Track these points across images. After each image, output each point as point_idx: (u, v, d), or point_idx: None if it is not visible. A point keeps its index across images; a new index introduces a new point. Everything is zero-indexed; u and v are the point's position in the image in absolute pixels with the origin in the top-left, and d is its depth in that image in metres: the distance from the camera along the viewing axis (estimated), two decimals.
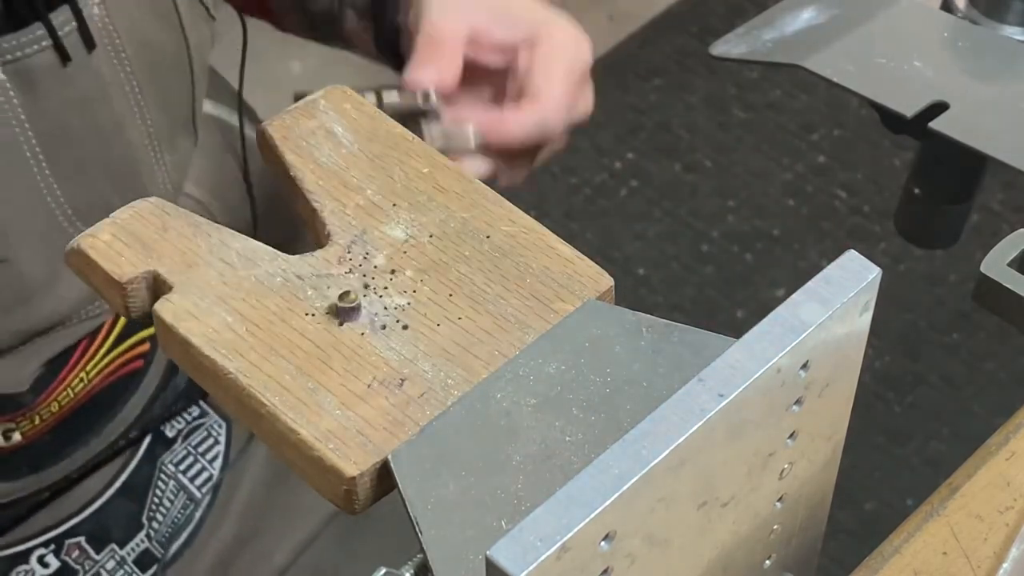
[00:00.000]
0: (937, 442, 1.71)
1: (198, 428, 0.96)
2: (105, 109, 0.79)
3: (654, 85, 2.12)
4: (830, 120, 2.06)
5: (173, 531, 0.92)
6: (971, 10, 0.78)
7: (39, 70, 0.75)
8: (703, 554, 0.45)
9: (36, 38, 0.75)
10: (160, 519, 0.92)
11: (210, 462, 0.95)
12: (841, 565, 0.70)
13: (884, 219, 1.93)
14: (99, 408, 0.88)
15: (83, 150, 0.78)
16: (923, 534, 0.58)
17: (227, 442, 0.96)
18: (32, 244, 0.78)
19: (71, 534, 0.91)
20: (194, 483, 0.94)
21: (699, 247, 1.92)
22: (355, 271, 0.52)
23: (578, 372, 0.49)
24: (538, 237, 0.53)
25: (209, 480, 0.94)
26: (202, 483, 0.94)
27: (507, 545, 0.37)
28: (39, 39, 0.75)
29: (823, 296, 0.43)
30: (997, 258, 0.62)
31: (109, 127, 0.79)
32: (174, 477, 0.93)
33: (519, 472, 0.46)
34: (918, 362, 1.79)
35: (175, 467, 0.94)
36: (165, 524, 0.92)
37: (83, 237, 0.52)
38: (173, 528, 0.92)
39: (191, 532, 0.93)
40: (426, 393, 0.48)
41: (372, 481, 0.47)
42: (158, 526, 0.92)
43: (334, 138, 0.56)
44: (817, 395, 0.45)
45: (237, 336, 0.49)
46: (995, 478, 0.60)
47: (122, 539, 0.91)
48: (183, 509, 0.93)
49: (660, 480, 0.40)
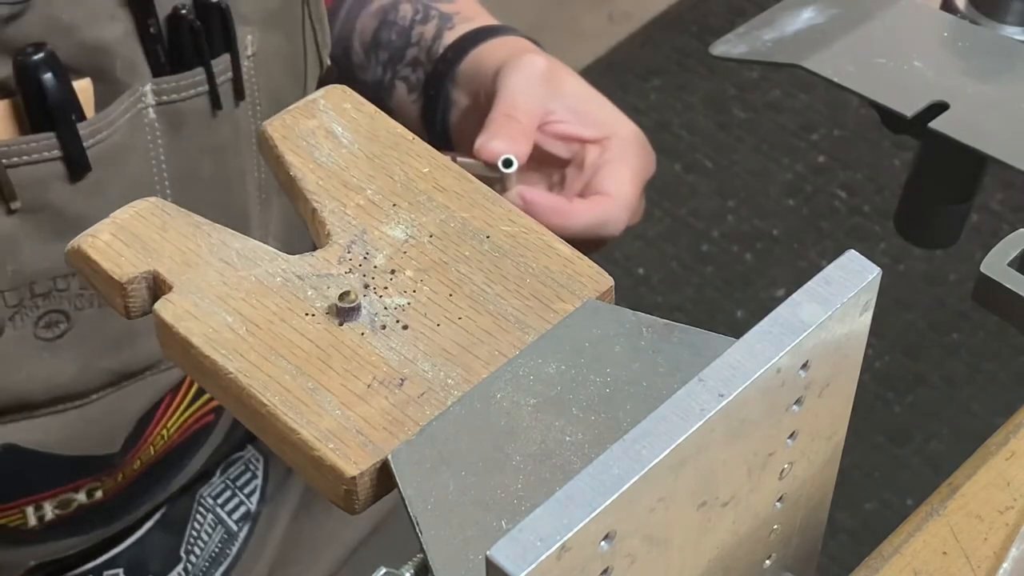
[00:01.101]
0: (937, 442, 1.71)
1: (236, 462, 0.96)
2: (236, 159, 0.80)
3: (654, 85, 2.12)
4: (830, 120, 2.06)
5: (210, 564, 0.93)
6: (971, 10, 0.78)
7: (190, 114, 0.76)
8: (703, 554, 0.45)
9: (195, 83, 0.76)
10: (198, 552, 0.92)
11: (248, 496, 0.95)
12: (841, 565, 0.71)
13: (884, 219, 1.93)
14: (172, 462, 0.88)
15: (207, 196, 0.79)
16: (923, 534, 0.58)
17: (264, 476, 0.96)
18: None
19: (110, 565, 0.91)
20: (232, 517, 0.94)
21: (699, 247, 1.92)
22: (355, 271, 0.52)
23: (578, 372, 0.49)
24: (538, 237, 0.53)
25: (247, 514, 0.94)
26: (240, 517, 0.94)
27: (507, 545, 0.37)
28: (197, 84, 0.76)
29: (823, 296, 0.43)
30: (997, 258, 0.62)
31: (235, 176, 0.80)
32: (212, 511, 0.94)
33: (519, 472, 0.46)
34: (918, 362, 1.79)
35: (213, 500, 0.94)
36: (203, 558, 0.92)
37: (83, 237, 0.52)
38: (210, 561, 0.93)
39: (228, 566, 0.93)
40: (426, 393, 0.48)
41: (372, 481, 0.47)
42: (195, 559, 0.92)
43: (334, 138, 0.56)
44: (817, 395, 0.45)
45: (237, 336, 0.49)
46: (995, 478, 0.60)
47: (160, 571, 0.92)
48: (220, 543, 0.93)
49: (660, 480, 0.40)
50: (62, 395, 0.79)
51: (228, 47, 0.76)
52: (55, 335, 0.76)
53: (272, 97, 0.81)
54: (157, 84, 0.74)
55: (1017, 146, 0.70)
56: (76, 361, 0.78)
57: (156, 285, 0.51)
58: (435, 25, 0.91)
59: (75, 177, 0.72)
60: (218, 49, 0.76)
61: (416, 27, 0.91)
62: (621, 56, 2.17)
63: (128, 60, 0.73)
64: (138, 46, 0.74)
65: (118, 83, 0.73)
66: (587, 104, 0.88)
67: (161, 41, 0.74)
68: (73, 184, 0.73)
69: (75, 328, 0.76)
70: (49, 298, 0.75)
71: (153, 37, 0.74)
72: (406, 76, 0.92)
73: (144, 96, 0.74)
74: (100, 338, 0.78)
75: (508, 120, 0.83)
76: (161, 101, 0.75)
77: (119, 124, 0.73)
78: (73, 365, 0.78)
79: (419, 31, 0.91)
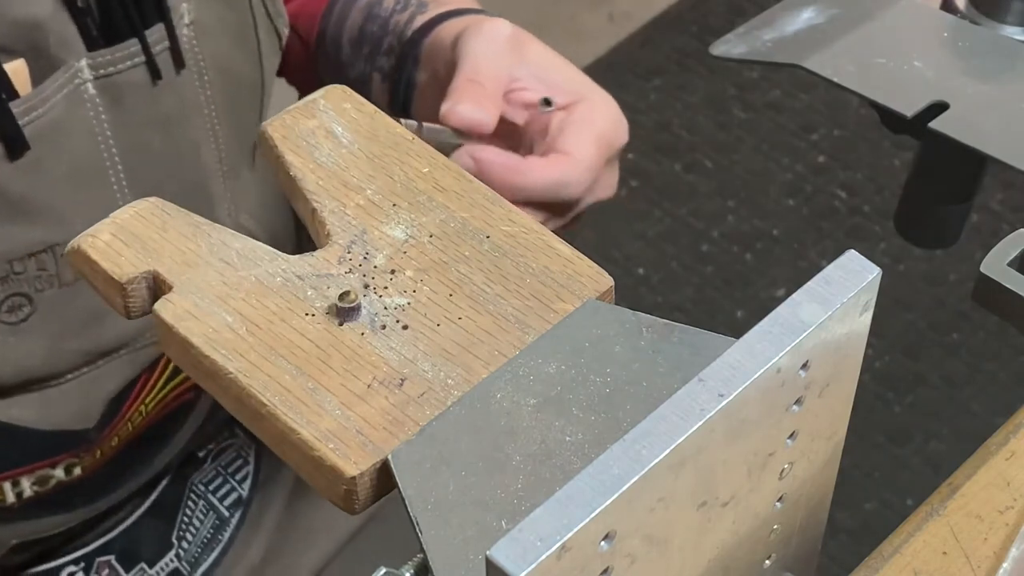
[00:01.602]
0: (937, 442, 1.71)
1: (227, 448, 0.96)
2: (185, 130, 0.79)
3: (654, 85, 2.12)
4: (830, 120, 2.06)
5: (202, 550, 0.93)
6: (971, 10, 0.78)
7: (129, 86, 0.76)
8: (703, 554, 0.45)
9: (130, 54, 0.75)
10: (190, 538, 0.92)
11: (239, 482, 0.95)
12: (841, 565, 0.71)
13: (884, 219, 1.93)
14: (152, 439, 0.88)
15: (161, 170, 0.78)
16: (923, 534, 0.58)
17: (256, 463, 0.96)
18: None
19: (101, 552, 0.91)
20: (223, 503, 0.94)
21: (699, 247, 1.92)
22: (355, 271, 0.52)
23: (578, 372, 0.49)
24: (538, 237, 0.53)
25: (239, 500, 0.94)
26: (231, 503, 0.94)
27: (507, 545, 0.37)
28: (133, 55, 0.75)
29: (823, 296, 0.43)
30: (997, 258, 0.62)
31: (187, 149, 0.80)
32: (203, 497, 0.93)
33: (519, 472, 0.46)
34: (918, 362, 1.79)
35: (205, 487, 0.94)
36: (195, 544, 0.92)
37: (83, 237, 0.52)
38: (202, 547, 0.93)
39: (220, 551, 0.93)
40: (426, 393, 0.48)
41: (372, 481, 0.47)
42: (187, 545, 0.92)
43: (334, 138, 0.56)
44: (817, 395, 0.45)
45: (237, 336, 0.49)
46: (995, 478, 0.60)
47: (152, 558, 0.91)
48: (212, 529, 0.93)
49: (660, 480, 0.40)
50: (34, 377, 0.79)
51: (162, 16, 0.76)
52: (19, 319, 0.76)
53: (220, 66, 0.80)
54: (92, 58, 0.74)
55: (1017, 146, 0.70)
56: (43, 343, 0.77)
57: (156, 285, 0.51)
58: (410, 12, 0.89)
59: (13, 155, 0.72)
60: (152, 19, 0.76)
61: (395, 16, 0.89)
62: (621, 56, 2.17)
63: (60, 36, 0.73)
64: (69, 21, 0.73)
65: (53, 59, 0.73)
66: (554, 72, 0.82)
67: (92, 14, 0.74)
68: (12, 163, 0.72)
69: (38, 310, 0.76)
70: (8, 282, 0.75)
71: (83, 11, 0.73)
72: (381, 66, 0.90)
73: (80, 71, 0.74)
74: (65, 319, 0.77)
75: (472, 84, 0.78)
76: (99, 75, 0.74)
77: (55, 100, 0.73)
78: (41, 347, 0.77)
79: (396, 19, 0.89)
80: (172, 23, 0.76)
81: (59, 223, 0.75)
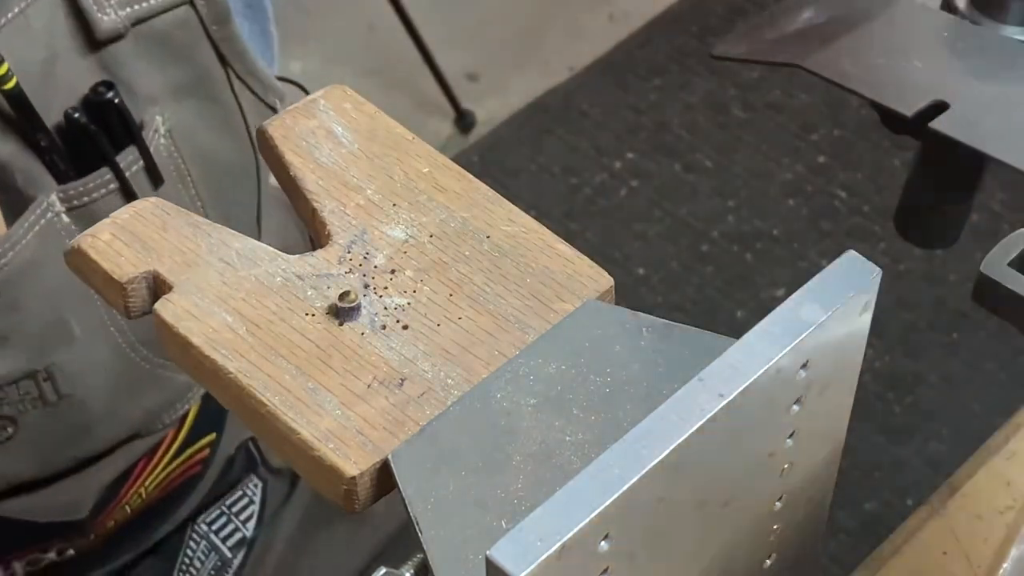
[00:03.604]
0: (937, 442, 1.71)
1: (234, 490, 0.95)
2: None
3: (654, 85, 2.12)
4: (830, 120, 2.06)
5: None
6: (971, 10, 0.78)
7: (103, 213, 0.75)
8: (703, 554, 0.45)
9: (103, 182, 0.75)
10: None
11: (244, 522, 0.94)
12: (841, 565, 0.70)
13: (884, 219, 1.92)
14: (154, 516, 0.88)
15: None
16: (923, 534, 0.58)
17: (262, 502, 0.96)
18: (97, 375, 0.78)
19: None
20: (226, 544, 0.93)
21: (699, 247, 1.92)
22: (355, 271, 0.52)
23: (578, 372, 0.49)
24: (538, 237, 0.53)
25: (242, 541, 0.94)
26: (234, 544, 0.93)
27: (507, 545, 0.37)
28: (106, 183, 0.75)
29: (823, 296, 0.43)
30: (997, 258, 0.62)
31: None
32: (206, 537, 0.93)
33: (519, 472, 0.46)
34: (918, 362, 1.79)
35: (207, 527, 0.93)
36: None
37: (83, 237, 0.52)
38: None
39: None
40: (426, 393, 0.48)
41: (372, 481, 0.47)
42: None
43: (334, 138, 0.56)
44: (817, 395, 0.45)
45: (237, 336, 0.49)
46: (995, 478, 0.60)
47: None
48: (214, 570, 0.92)
49: (660, 480, 0.40)
50: (25, 484, 0.79)
51: (133, 139, 0.75)
52: (3, 438, 0.76)
53: (205, 160, 0.80)
54: (63, 191, 0.73)
55: (1017, 146, 0.69)
56: (33, 458, 0.78)
57: (156, 285, 0.51)
58: None
59: None
60: (122, 142, 0.75)
61: None
62: (621, 56, 2.17)
63: (26, 173, 0.73)
64: (34, 159, 0.73)
65: (22, 195, 0.73)
66: None
67: (57, 150, 0.74)
68: None
69: (23, 431, 0.76)
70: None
71: (46, 148, 0.73)
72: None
73: (52, 205, 0.73)
74: (52, 436, 0.77)
75: None
76: (72, 207, 0.74)
77: (27, 241, 0.72)
78: (30, 462, 0.78)
79: None
80: (145, 143, 0.75)
81: (39, 352, 0.75)
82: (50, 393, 0.75)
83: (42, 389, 0.75)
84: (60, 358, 0.75)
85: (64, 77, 0.73)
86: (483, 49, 2.15)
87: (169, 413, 0.84)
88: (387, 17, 2.01)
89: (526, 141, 2.03)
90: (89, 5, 0.73)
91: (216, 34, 0.79)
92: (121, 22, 0.74)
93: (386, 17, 2.02)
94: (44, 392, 0.75)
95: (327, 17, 2.19)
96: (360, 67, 2.13)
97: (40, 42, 0.72)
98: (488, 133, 2.06)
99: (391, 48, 2.11)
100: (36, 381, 0.75)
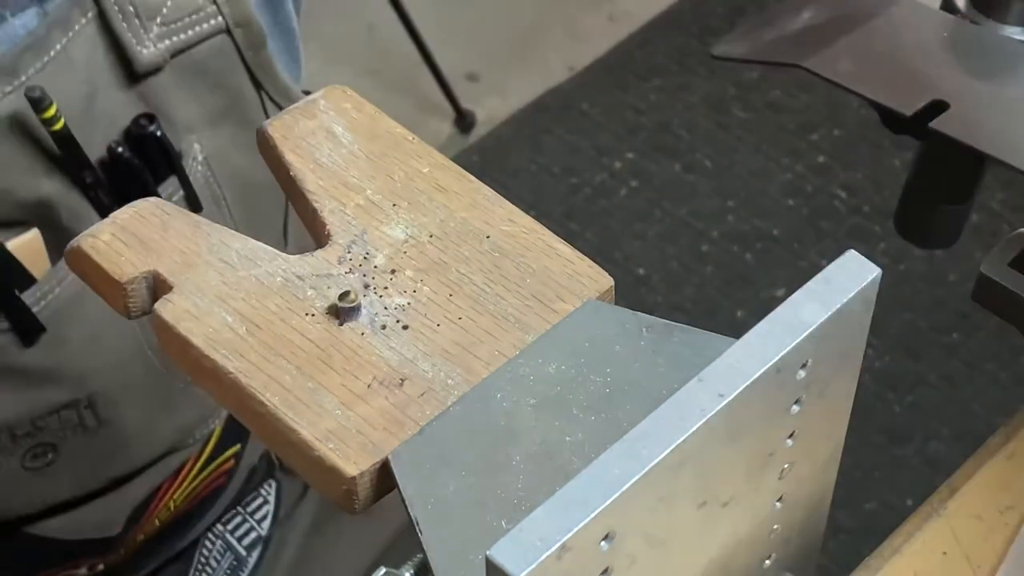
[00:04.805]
0: (937, 442, 1.71)
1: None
2: None
3: (654, 85, 2.12)
4: (830, 120, 2.06)
5: None
6: (971, 10, 0.78)
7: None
8: (703, 554, 0.45)
9: None
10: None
11: (259, 522, 0.95)
12: (841, 565, 0.70)
13: (884, 219, 1.92)
14: (180, 527, 0.89)
15: None
16: (923, 534, 0.58)
17: (276, 501, 0.96)
18: (134, 398, 0.79)
19: None
20: (242, 543, 0.93)
21: (699, 247, 1.92)
22: (355, 271, 0.52)
23: (578, 372, 0.49)
24: (538, 237, 0.53)
25: (258, 540, 0.94)
26: (250, 543, 0.94)
27: (507, 545, 0.37)
28: None
29: (823, 296, 0.43)
30: (997, 258, 0.62)
31: None
32: (221, 537, 0.93)
33: (519, 472, 0.46)
34: (918, 362, 1.79)
35: (223, 527, 0.94)
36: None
37: (83, 237, 0.52)
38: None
39: None
40: (426, 393, 0.48)
41: (372, 481, 0.47)
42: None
43: (334, 138, 0.56)
44: (817, 395, 0.45)
45: (237, 336, 0.49)
46: (995, 478, 0.60)
47: None
48: (229, 569, 0.93)
49: (660, 480, 0.40)
50: (61, 505, 0.79)
51: (174, 170, 0.76)
52: (44, 464, 0.77)
53: (240, 183, 0.80)
54: None
55: (1017, 146, 0.69)
56: (71, 481, 0.79)
57: (156, 285, 0.51)
58: None
59: (29, 342, 0.73)
60: (163, 172, 0.76)
61: None
62: (621, 56, 2.17)
63: (71, 210, 0.73)
64: (78, 195, 0.74)
65: (66, 231, 0.73)
66: None
67: (101, 185, 0.74)
68: (27, 348, 0.73)
69: (63, 456, 0.77)
70: (32, 436, 0.75)
71: (91, 185, 0.74)
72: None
73: None
74: (90, 459, 0.78)
75: None
76: None
77: (73, 277, 0.72)
78: (68, 484, 0.79)
79: None
80: (185, 173, 0.76)
81: (80, 383, 0.76)
82: (90, 419, 0.76)
83: (82, 416, 0.76)
84: (101, 386, 0.76)
85: (104, 110, 0.74)
86: (483, 49, 2.15)
87: (201, 428, 0.85)
88: (387, 17, 2.01)
89: (526, 141, 2.03)
90: (128, 39, 0.73)
91: (251, 60, 0.79)
92: (160, 55, 0.75)
93: (386, 17, 2.02)
94: (84, 419, 0.76)
95: (327, 17, 2.19)
96: (360, 67, 2.13)
97: (81, 77, 0.73)
98: (488, 133, 2.06)
99: (391, 48, 2.11)
100: (78, 410, 0.76)
